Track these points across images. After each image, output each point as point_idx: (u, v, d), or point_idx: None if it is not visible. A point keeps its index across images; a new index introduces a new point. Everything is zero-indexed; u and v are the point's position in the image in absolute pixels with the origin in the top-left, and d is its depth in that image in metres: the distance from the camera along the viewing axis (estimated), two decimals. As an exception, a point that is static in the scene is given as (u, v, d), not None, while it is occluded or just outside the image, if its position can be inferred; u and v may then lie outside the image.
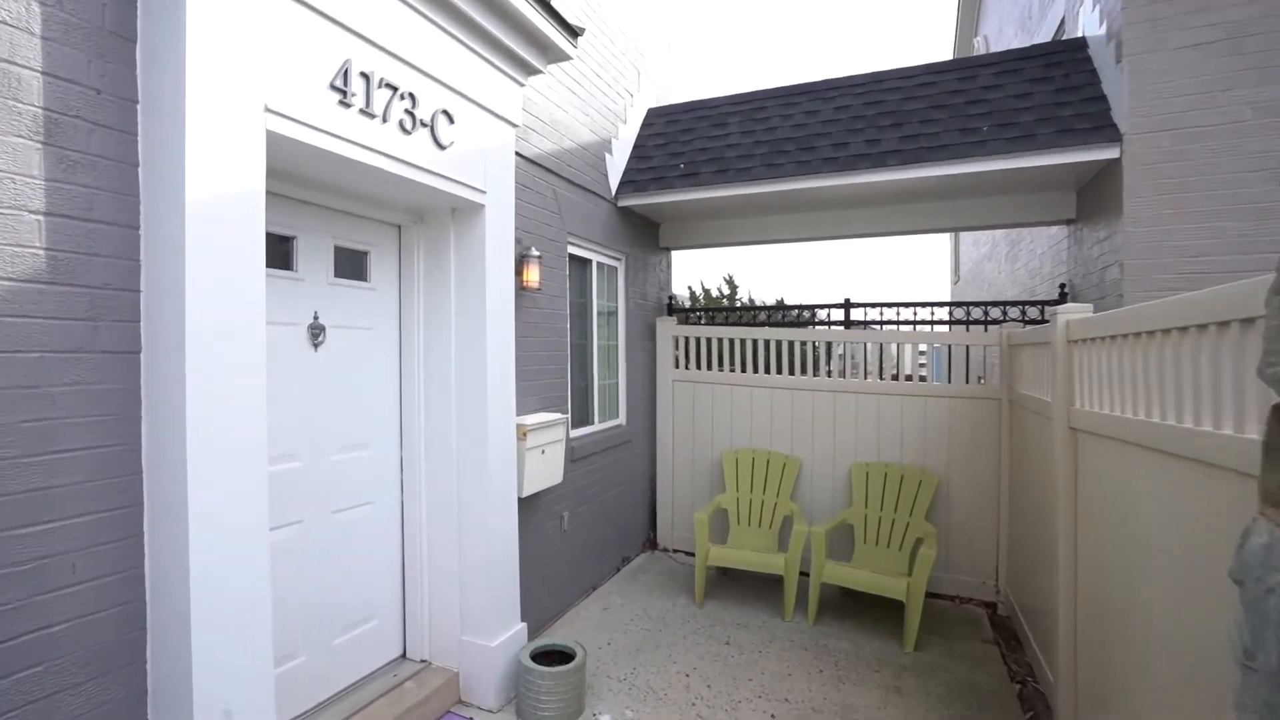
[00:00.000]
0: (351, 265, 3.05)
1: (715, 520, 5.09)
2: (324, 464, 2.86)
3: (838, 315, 5.54)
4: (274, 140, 2.13)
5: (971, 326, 4.98)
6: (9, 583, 1.67)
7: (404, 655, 3.29)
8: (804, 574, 4.58)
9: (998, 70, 4.38)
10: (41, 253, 1.73)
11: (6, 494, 1.66)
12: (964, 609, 4.55)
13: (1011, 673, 3.63)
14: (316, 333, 2.82)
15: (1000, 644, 3.98)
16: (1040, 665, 3.42)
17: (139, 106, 1.92)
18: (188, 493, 1.86)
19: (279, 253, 2.67)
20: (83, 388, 1.81)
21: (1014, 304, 4.85)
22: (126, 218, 1.90)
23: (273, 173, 2.47)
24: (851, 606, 4.49)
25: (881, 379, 5.05)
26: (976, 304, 4.96)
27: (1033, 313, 4.87)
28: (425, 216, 3.29)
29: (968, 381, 4.81)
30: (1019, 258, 6.81)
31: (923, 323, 5.05)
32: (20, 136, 1.68)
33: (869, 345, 5.21)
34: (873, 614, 4.35)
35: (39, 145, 1.72)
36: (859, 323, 5.42)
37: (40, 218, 1.72)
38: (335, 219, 2.91)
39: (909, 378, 5.14)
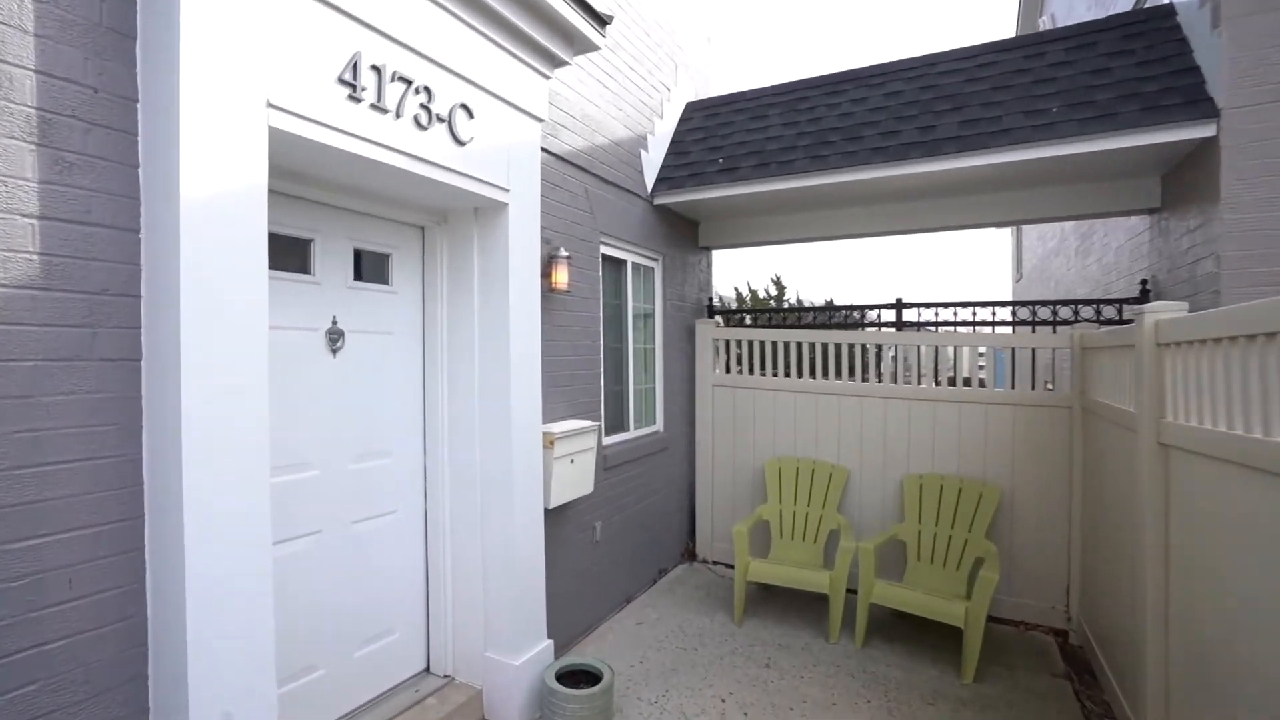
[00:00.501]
0: (373, 268, 2.97)
1: (756, 533, 4.84)
2: (343, 472, 2.78)
3: (889, 316, 5.20)
4: (278, 138, 2.04)
5: (1038, 327, 4.57)
6: (2, 599, 1.61)
7: (427, 669, 3.20)
8: (851, 591, 4.28)
9: (1070, 45, 3.98)
10: (35, 258, 1.67)
11: (1, 506, 1.61)
12: (1029, 636, 4.16)
13: (1086, 712, 3.26)
14: (335, 338, 2.74)
15: (1073, 679, 3.60)
16: (1121, 707, 3.04)
17: (139, 105, 1.85)
18: (183, 506, 1.78)
19: (296, 256, 2.61)
20: (80, 397, 1.75)
21: (1087, 302, 4.43)
22: (126, 220, 1.84)
23: (287, 173, 2.40)
24: (903, 629, 4.17)
25: (937, 384, 4.69)
26: (1044, 303, 4.55)
27: (1109, 312, 4.43)
28: (449, 217, 3.19)
29: (1034, 387, 4.41)
30: (1091, 252, 6.28)
31: (982, 324, 4.67)
32: (12, 138, 1.62)
33: (923, 348, 4.86)
34: (927, 638, 4.02)
35: (32, 147, 1.66)
36: (912, 324, 5.07)
37: (34, 221, 1.66)
38: (355, 221, 2.83)
39: (967, 383, 4.77)
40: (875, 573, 4.08)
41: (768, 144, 4.76)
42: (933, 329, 4.93)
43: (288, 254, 2.56)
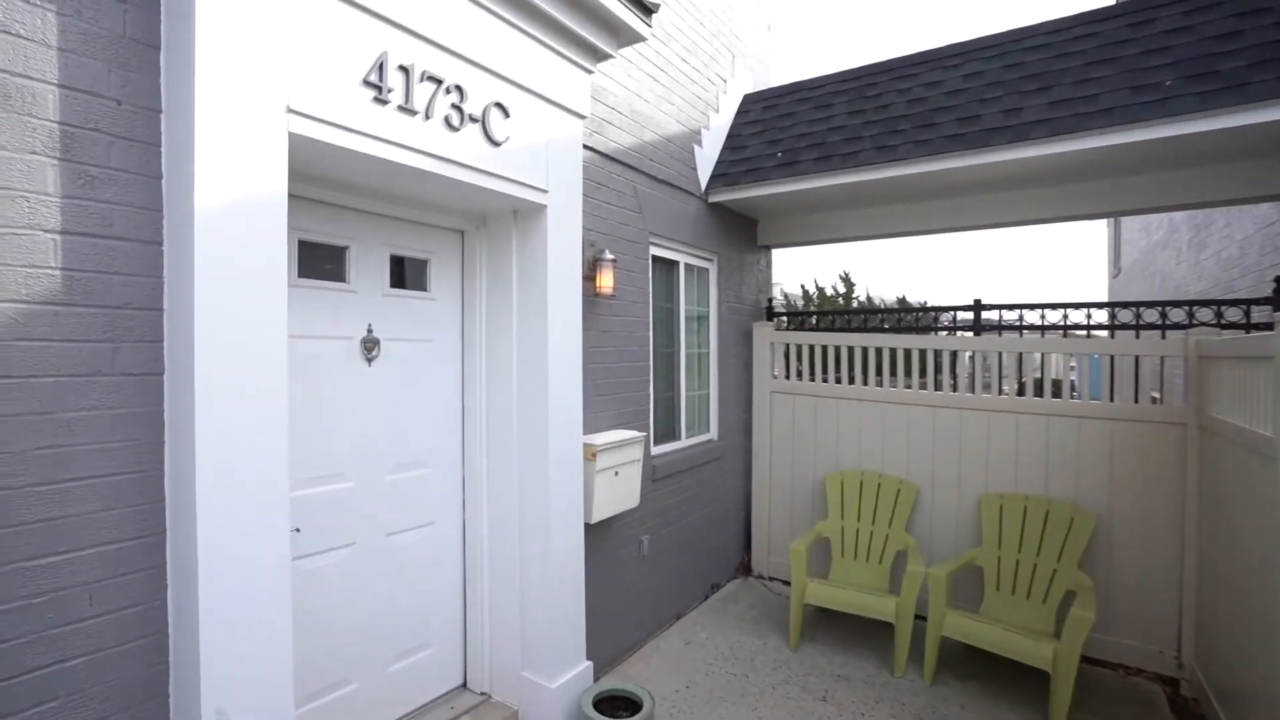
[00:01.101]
0: (410, 274, 2.92)
1: (815, 551, 4.54)
2: (378, 484, 2.73)
3: (966, 318, 4.76)
4: (299, 144, 1.98)
5: (1142, 332, 4.04)
6: (24, 615, 1.61)
7: (464, 685, 3.13)
8: (920, 617, 3.92)
9: (1188, 7, 3.46)
10: (57, 273, 1.66)
11: (21, 523, 1.61)
12: (1130, 682, 3.67)
13: (1201, 781, 2.82)
14: (370, 346, 2.69)
15: (1184, 738, 3.14)
16: (1246, 781, 2.60)
17: (163, 116, 1.83)
18: (196, 522, 1.75)
19: (330, 263, 2.57)
20: (101, 412, 1.73)
21: (1204, 303, 3.87)
22: (149, 233, 1.81)
23: (317, 179, 2.36)
24: (978, 665, 3.78)
25: (1021, 394, 4.24)
26: (1150, 304, 4.01)
27: (1233, 314, 3.86)
28: (488, 220, 3.10)
29: (1136, 400, 3.90)
30: (1207, 245, 5.56)
31: (1074, 327, 4.18)
32: (34, 153, 1.62)
33: (1004, 354, 4.41)
34: (1006, 676, 3.62)
35: (55, 161, 1.65)
36: (992, 327, 4.62)
37: (56, 236, 1.65)
38: (391, 226, 2.78)
39: (1056, 393, 4.29)
40: (947, 602, 3.72)
41: (830, 135, 4.44)
42: (1016, 333, 4.47)
43: (321, 261, 2.53)
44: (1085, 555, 3.79)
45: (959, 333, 4.82)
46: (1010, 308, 4.47)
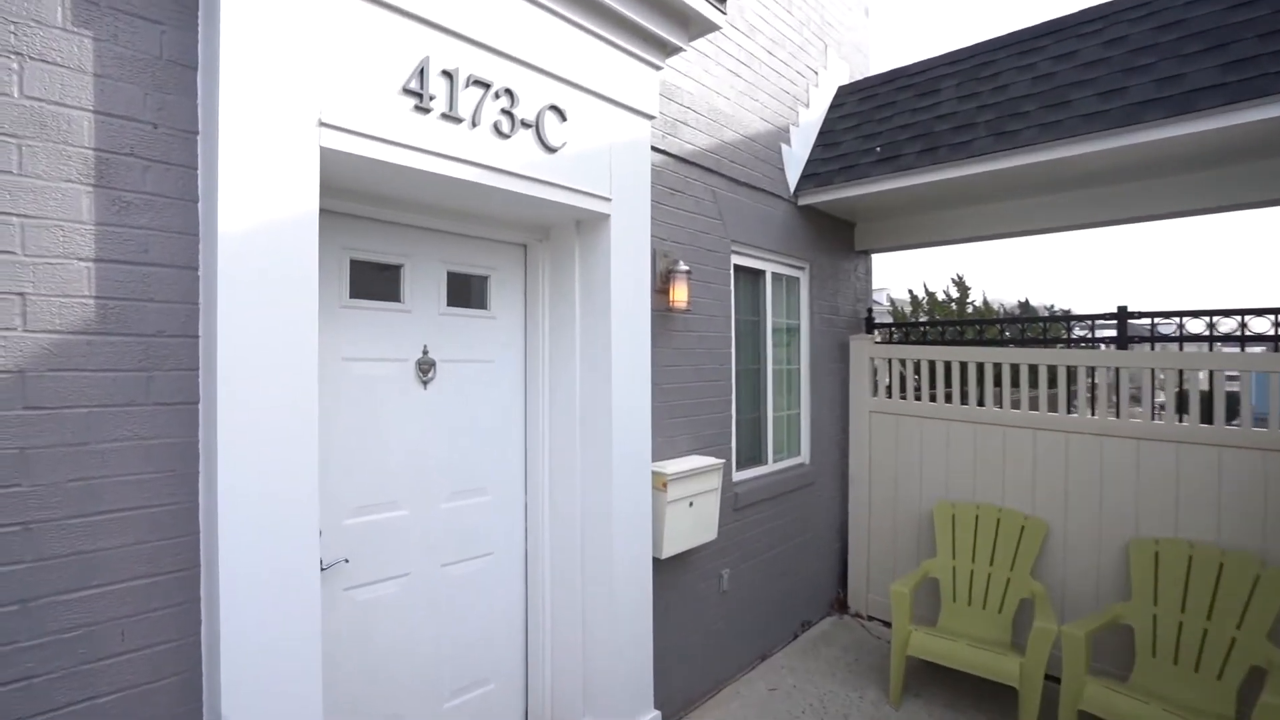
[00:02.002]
0: (469, 292, 2.79)
1: (922, 593, 4.00)
2: (434, 511, 2.61)
3: (1106, 329, 4.05)
4: (332, 159, 1.87)
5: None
6: (54, 651, 1.58)
7: (525, 725, 2.95)
8: (1050, 678, 3.30)
9: None
10: (91, 302, 1.63)
11: (54, 557, 1.57)
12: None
13: None
14: (425, 368, 2.59)
15: None
16: None
17: (199, 138, 1.78)
18: (218, 558, 1.66)
19: (382, 283, 2.48)
20: (135, 443, 1.68)
21: None
22: (185, 258, 1.76)
23: (367, 196, 2.28)
24: (1132, 751, 3.11)
25: (1181, 420, 3.51)
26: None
27: None
28: (550, 232, 2.93)
29: (1350, 430, 3.09)
30: None
31: (1253, 339, 3.40)
32: (69, 181, 1.59)
33: (1159, 371, 3.68)
34: (1170, 772, 2.95)
35: (89, 188, 1.62)
36: (1140, 339, 3.88)
37: (90, 264, 1.62)
38: (447, 242, 2.67)
39: (1230, 417, 3.51)
40: (1087, 667, 3.11)
41: (937, 124, 3.92)
42: (1175, 345, 3.72)
43: (373, 281, 2.44)
44: (1278, 622, 3.03)
45: (1099, 345, 4.10)
46: (1166, 315, 3.73)
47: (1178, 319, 3.65)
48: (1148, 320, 3.81)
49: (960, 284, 11.23)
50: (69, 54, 1.59)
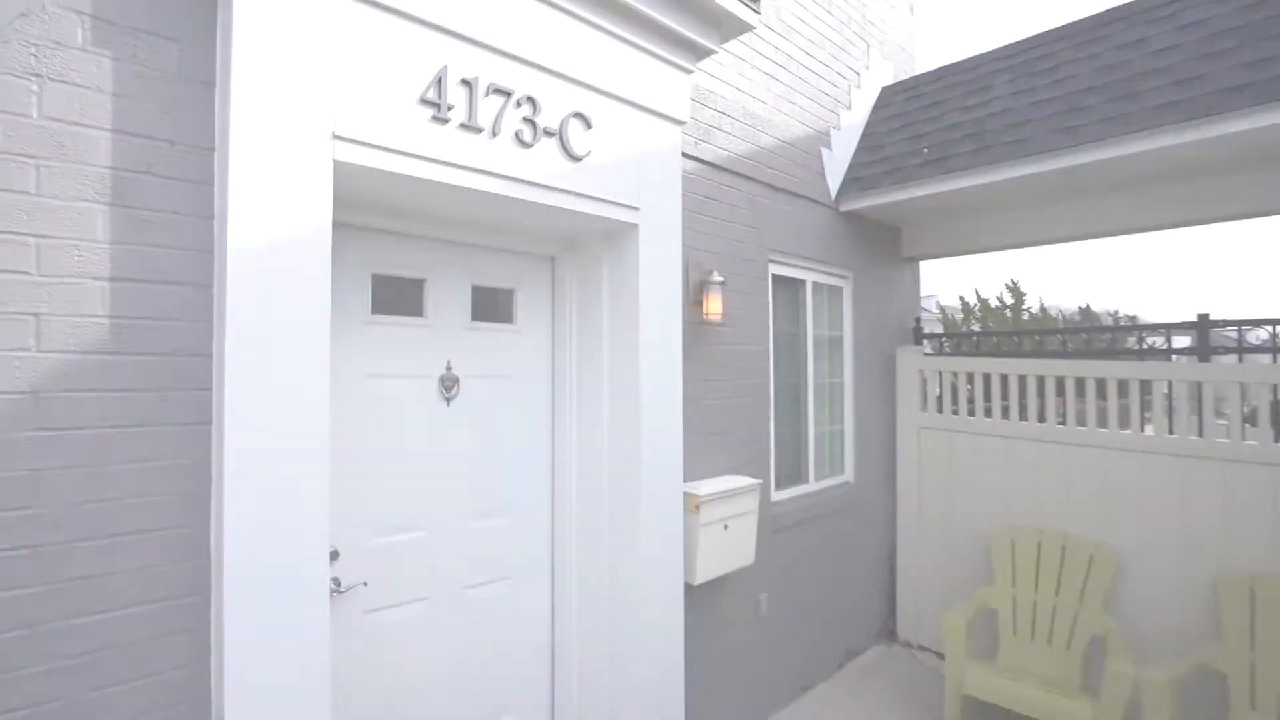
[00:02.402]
0: (494, 306, 2.72)
1: (978, 624, 3.71)
2: (455, 533, 2.54)
3: (1183, 338, 3.71)
4: (346, 172, 1.82)
5: None
6: (60, 677, 1.54)
7: (551, 757, 2.83)
8: (1129, 732, 3.00)
9: None
10: (105, 321, 1.60)
11: (63, 580, 1.54)
12: None
13: None
14: (449, 384, 2.52)
15: None
16: None
17: (215, 154, 1.75)
18: (224, 581, 1.61)
19: (404, 297, 2.43)
20: (147, 464, 1.65)
21: None
22: (200, 276, 1.73)
23: (386, 209, 2.24)
24: (1225, 813, 2.78)
25: (1278, 440, 3.16)
26: None
27: None
28: (577, 244, 2.84)
29: None
30: None
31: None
32: (85, 200, 1.58)
33: (1249, 385, 3.34)
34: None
35: (105, 207, 1.60)
36: (1223, 349, 3.53)
37: (105, 283, 1.60)
38: (471, 255, 2.61)
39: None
40: (1173, 719, 2.79)
41: (989, 123, 3.69)
42: (1269, 357, 3.37)
43: (396, 296, 2.40)
44: (1399, 676, 2.67)
45: (1176, 356, 3.76)
46: (1256, 324, 3.38)
47: (1271, 327, 3.29)
48: (1232, 329, 3.47)
49: (1015, 289, 10.71)
50: (88, 74, 1.58)
